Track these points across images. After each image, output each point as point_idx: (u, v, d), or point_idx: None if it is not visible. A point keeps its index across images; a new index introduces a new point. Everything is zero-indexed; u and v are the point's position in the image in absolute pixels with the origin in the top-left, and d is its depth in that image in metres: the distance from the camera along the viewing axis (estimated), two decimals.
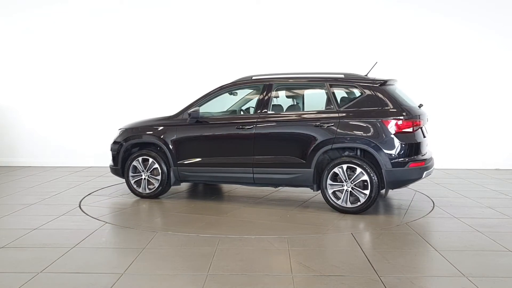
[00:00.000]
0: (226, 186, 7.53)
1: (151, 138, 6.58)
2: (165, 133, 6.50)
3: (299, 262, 4.11)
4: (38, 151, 9.94)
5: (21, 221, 5.50)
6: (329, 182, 5.73)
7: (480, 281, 3.68)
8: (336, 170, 5.67)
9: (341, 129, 5.69)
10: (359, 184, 5.61)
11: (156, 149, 6.61)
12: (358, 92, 5.89)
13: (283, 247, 4.50)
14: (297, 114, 6.11)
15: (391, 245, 4.61)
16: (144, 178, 6.60)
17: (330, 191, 5.75)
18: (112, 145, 6.85)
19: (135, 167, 6.63)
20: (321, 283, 3.66)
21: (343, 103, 5.91)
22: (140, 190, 6.63)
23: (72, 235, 4.91)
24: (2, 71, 9.99)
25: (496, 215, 5.78)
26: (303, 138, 5.85)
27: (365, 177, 5.55)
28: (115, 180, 7.73)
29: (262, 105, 6.16)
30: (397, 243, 4.67)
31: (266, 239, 4.75)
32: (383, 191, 5.74)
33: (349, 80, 5.99)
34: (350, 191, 5.64)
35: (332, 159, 5.78)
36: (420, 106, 6.15)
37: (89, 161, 9.84)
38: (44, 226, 5.25)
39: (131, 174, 6.65)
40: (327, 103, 5.96)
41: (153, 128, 6.63)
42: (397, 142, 5.53)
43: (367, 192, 5.56)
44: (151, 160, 6.53)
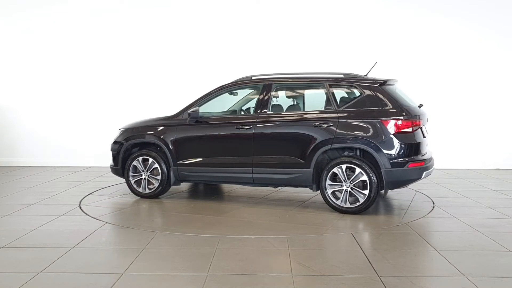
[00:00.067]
0: (226, 186, 7.53)
1: (151, 138, 6.59)
2: (165, 133, 6.50)
3: (299, 262, 4.11)
4: (38, 151, 9.95)
5: (21, 221, 5.50)
6: (328, 182, 5.72)
7: (480, 281, 3.68)
8: (336, 170, 5.67)
9: (340, 129, 5.68)
10: (358, 184, 5.60)
11: (156, 149, 6.61)
12: (357, 92, 5.88)
13: (283, 247, 4.50)
14: (297, 114, 6.10)
15: (391, 245, 4.61)
16: (144, 178, 6.60)
17: (329, 191, 5.74)
18: (113, 145, 6.86)
19: (135, 167, 6.64)
20: (321, 283, 3.66)
21: (343, 103, 5.91)
22: (140, 190, 6.64)
23: (72, 235, 4.91)
24: (2, 71, 9.99)
25: (496, 215, 5.78)
26: (303, 138, 5.85)
27: (364, 177, 5.54)
28: (115, 180, 7.74)
29: (261, 105, 6.16)
30: (397, 243, 4.67)
31: (266, 239, 4.75)
32: (382, 191, 5.74)
33: (349, 80, 5.99)
34: (349, 191, 5.64)
35: (332, 159, 5.78)
36: (420, 106, 6.15)
37: (89, 161, 9.84)
38: (44, 226, 5.25)
39: (131, 174, 6.66)
40: (326, 103, 5.96)
41: (153, 128, 6.63)
42: (396, 142, 5.53)
43: (366, 192, 5.56)
44: (151, 160, 6.53)
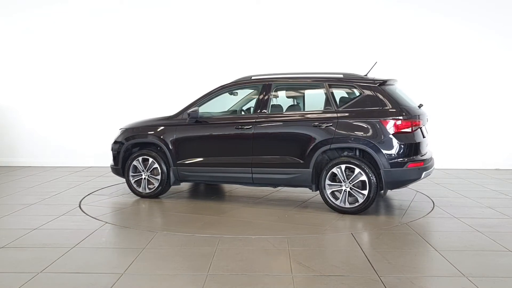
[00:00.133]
0: (226, 186, 7.53)
1: (151, 138, 6.59)
2: (164, 133, 6.50)
3: (299, 262, 4.11)
4: (38, 151, 9.95)
5: (21, 221, 5.50)
6: (328, 182, 5.71)
7: (480, 281, 3.68)
8: (335, 170, 5.66)
9: (340, 129, 5.68)
10: (358, 184, 5.60)
11: (156, 149, 6.61)
12: (357, 92, 5.87)
13: (283, 247, 4.50)
14: (296, 114, 6.09)
15: (391, 245, 4.61)
16: (144, 178, 6.61)
17: (328, 191, 5.74)
18: (113, 145, 6.86)
19: (135, 166, 6.64)
20: (321, 283, 3.66)
21: (342, 103, 5.90)
22: (140, 189, 6.64)
23: (72, 235, 4.91)
24: (2, 71, 9.99)
25: (496, 215, 5.78)
26: (302, 138, 5.84)
27: (364, 177, 5.53)
28: (115, 180, 7.75)
29: (261, 105, 6.16)
30: (397, 243, 4.67)
31: (266, 239, 4.75)
32: (382, 191, 5.72)
33: (348, 80, 5.98)
34: (348, 191, 5.64)
35: (331, 159, 5.77)
36: (420, 106, 6.14)
37: (89, 161, 9.84)
38: (44, 226, 5.25)
39: (131, 173, 6.66)
40: (326, 103, 5.95)
41: (153, 128, 6.63)
42: (395, 142, 5.52)
43: (366, 192, 5.55)
44: (151, 160, 6.53)
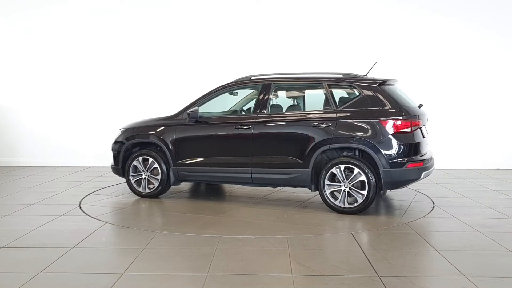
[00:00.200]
0: (227, 186, 7.53)
1: (151, 138, 6.59)
2: (164, 133, 6.50)
3: (299, 262, 4.11)
4: (38, 151, 9.95)
5: (21, 221, 5.50)
6: (327, 182, 5.70)
7: (480, 281, 3.68)
8: (334, 170, 5.65)
9: (339, 129, 5.67)
10: (357, 184, 5.59)
11: (156, 149, 6.62)
12: (356, 92, 5.86)
13: (283, 247, 4.50)
14: (295, 114, 6.09)
15: (391, 245, 4.61)
16: (144, 178, 6.61)
17: (327, 192, 5.73)
18: (113, 145, 6.86)
19: (136, 166, 6.64)
20: (321, 283, 3.66)
21: (342, 103, 5.89)
22: (140, 189, 6.64)
23: (72, 235, 4.91)
24: (2, 71, 9.99)
25: (496, 215, 5.78)
26: (301, 138, 5.84)
27: (363, 178, 5.52)
28: (115, 180, 7.75)
29: (260, 105, 6.15)
30: (397, 243, 4.67)
31: (266, 239, 4.75)
32: (381, 191, 5.71)
33: (348, 80, 5.97)
34: (347, 191, 5.63)
35: (330, 159, 5.77)
36: (420, 106, 6.14)
37: (89, 161, 9.84)
38: (44, 226, 5.25)
39: (131, 173, 6.66)
40: (325, 103, 5.94)
41: (153, 128, 6.63)
42: (395, 142, 5.51)
43: (365, 192, 5.54)
44: (151, 159, 6.54)
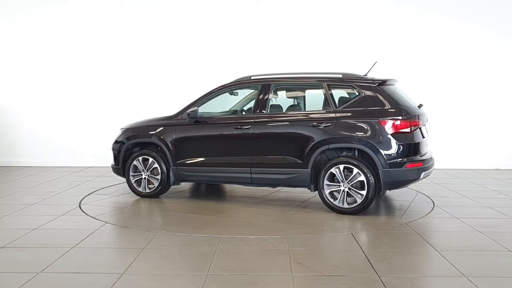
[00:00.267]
0: (227, 186, 7.53)
1: (151, 138, 6.59)
2: (164, 133, 6.50)
3: (299, 262, 4.11)
4: (38, 151, 9.95)
5: (21, 221, 5.50)
6: (326, 182, 5.70)
7: (480, 281, 3.68)
8: (333, 170, 5.64)
9: (338, 129, 5.66)
10: (356, 184, 5.58)
11: (156, 148, 6.62)
12: (356, 92, 5.85)
13: (283, 247, 4.50)
14: (295, 114, 6.08)
15: (391, 245, 4.61)
16: (144, 178, 6.61)
17: (327, 192, 5.72)
18: (114, 145, 6.87)
19: (136, 166, 6.64)
20: (321, 283, 3.66)
21: (341, 103, 5.89)
22: (140, 189, 6.64)
23: (72, 235, 4.91)
24: (2, 71, 9.99)
25: (496, 215, 5.78)
26: (300, 138, 5.83)
27: (362, 178, 5.52)
28: (115, 180, 7.75)
29: (260, 105, 6.15)
30: (397, 243, 4.67)
31: (266, 239, 4.75)
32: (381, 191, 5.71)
33: (347, 80, 5.96)
34: (347, 191, 5.62)
35: (329, 159, 5.76)
36: (420, 106, 6.13)
37: (89, 161, 9.84)
38: (44, 226, 5.25)
39: (131, 173, 6.67)
40: (324, 103, 5.93)
41: (153, 128, 6.63)
42: (394, 143, 5.50)
43: (364, 192, 5.53)
44: (151, 159, 6.54)
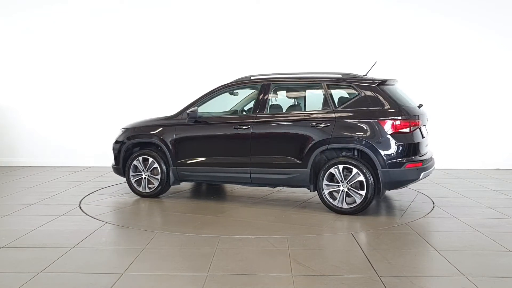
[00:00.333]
0: (228, 186, 7.53)
1: (152, 138, 6.59)
2: (164, 133, 6.50)
3: (299, 262, 4.11)
4: (38, 151, 9.94)
5: (21, 221, 5.50)
6: (326, 182, 5.69)
7: (480, 281, 3.68)
8: (332, 170, 5.64)
9: (337, 129, 5.66)
10: (356, 184, 5.58)
11: (156, 148, 6.62)
12: (355, 92, 5.84)
13: (283, 247, 4.50)
14: (294, 114, 6.08)
15: (391, 245, 4.61)
16: (144, 178, 6.61)
17: (326, 192, 5.72)
18: (114, 145, 6.87)
19: (136, 166, 6.65)
20: (321, 283, 3.66)
21: (341, 103, 5.88)
22: (140, 189, 6.65)
23: (72, 235, 4.91)
24: (2, 71, 9.99)
25: (496, 215, 5.78)
26: (300, 138, 5.83)
27: (361, 178, 5.51)
28: (115, 180, 7.75)
29: (259, 105, 6.15)
30: (397, 243, 4.67)
31: (265, 239, 4.75)
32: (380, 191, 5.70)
33: (346, 80, 5.95)
34: (346, 191, 5.62)
35: (329, 160, 5.76)
36: (420, 106, 6.13)
37: (89, 161, 9.84)
38: (44, 226, 5.25)
39: (131, 173, 6.67)
40: (324, 103, 5.93)
41: (153, 128, 6.63)
42: (393, 143, 5.49)
43: (363, 192, 5.53)
44: (151, 159, 6.54)
